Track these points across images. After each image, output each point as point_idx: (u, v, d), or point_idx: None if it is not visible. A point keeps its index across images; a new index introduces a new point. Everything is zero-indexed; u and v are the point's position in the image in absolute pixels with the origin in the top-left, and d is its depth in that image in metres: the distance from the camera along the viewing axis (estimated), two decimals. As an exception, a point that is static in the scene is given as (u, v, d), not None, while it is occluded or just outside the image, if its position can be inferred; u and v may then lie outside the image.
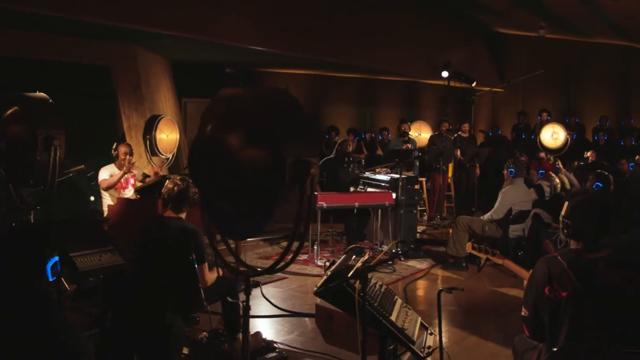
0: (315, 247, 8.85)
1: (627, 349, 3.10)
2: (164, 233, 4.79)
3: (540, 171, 9.12)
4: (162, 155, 8.92)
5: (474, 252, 4.26)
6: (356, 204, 8.66)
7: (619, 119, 16.60)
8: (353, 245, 5.71)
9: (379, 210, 9.15)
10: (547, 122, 14.42)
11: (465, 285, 7.75)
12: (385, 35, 13.01)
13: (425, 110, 17.12)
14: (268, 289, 7.17)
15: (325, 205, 8.46)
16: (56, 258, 2.77)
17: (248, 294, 3.02)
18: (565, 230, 3.45)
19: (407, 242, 7.95)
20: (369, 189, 9.65)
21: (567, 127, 15.09)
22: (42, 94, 5.17)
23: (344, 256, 4.03)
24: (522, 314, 3.43)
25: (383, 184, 9.43)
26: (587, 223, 3.35)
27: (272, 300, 6.53)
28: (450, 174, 12.70)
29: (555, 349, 3.14)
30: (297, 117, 2.75)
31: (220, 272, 5.22)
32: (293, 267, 8.40)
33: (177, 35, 9.12)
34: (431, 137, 12.48)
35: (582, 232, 3.38)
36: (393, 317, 3.58)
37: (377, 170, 10.23)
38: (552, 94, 17.89)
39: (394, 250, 8.37)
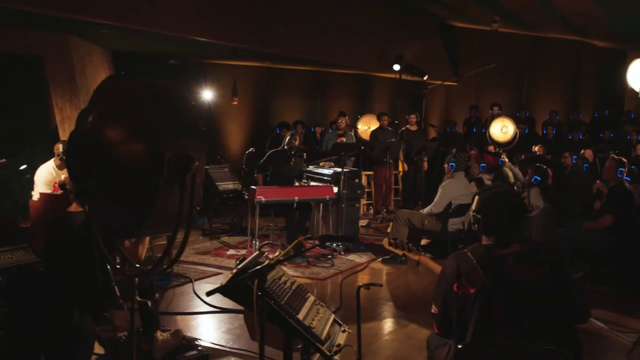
0: (255, 242, 8.70)
1: (537, 345, 3.01)
2: (69, 229, 4.57)
3: (482, 164, 9.07)
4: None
5: (390, 248, 4.14)
6: (296, 198, 8.52)
7: (569, 113, 16.75)
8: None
9: (321, 205, 9.03)
10: (497, 116, 14.48)
11: (404, 279, 7.69)
12: (335, 27, 12.86)
13: (377, 103, 17.03)
14: (201, 285, 7.01)
15: (263, 199, 8.30)
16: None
17: (133, 294, 2.83)
18: (476, 225, 3.34)
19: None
20: (313, 183, 9.53)
21: (518, 120, 15.18)
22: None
23: (256, 252, 3.87)
24: (432, 311, 3.33)
25: (326, 178, 9.31)
26: (497, 218, 3.25)
27: (203, 297, 6.43)
28: (401, 168, 12.61)
29: (460, 346, 3.03)
30: (181, 109, 2.58)
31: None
32: (229, 262, 8.24)
33: (114, 25, 8.84)
34: (373, 131, 12.38)
35: (492, 227, 3.28)
36: (301, 315, 3.44)
37: (321, 164, 10.11)
38: (505, 87, 17.99)
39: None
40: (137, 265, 2.92)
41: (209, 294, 3.27)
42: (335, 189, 8.83)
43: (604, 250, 7.08)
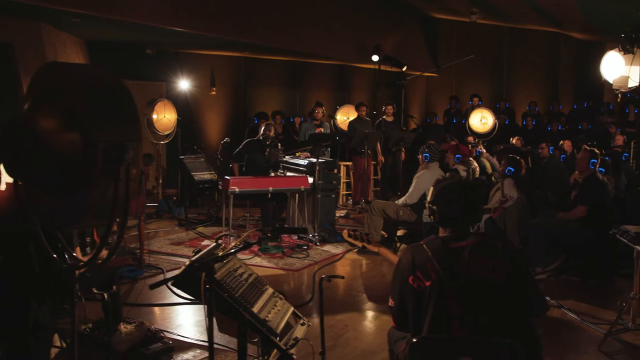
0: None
1: (491, 339, 2.98)
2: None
3: (457, 155, 9.04)
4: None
5: (350, 240, 4.09)
6: (270, 188, 8.45)
7: (549, 104, 16.78)
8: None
9: (297, 195, 8.98)
10: (477, 107, 14.50)
11: (379, 269, 7.65)
12: (314, 18, 12.77)
13: (357, 93, 16.96)
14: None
15: (237, 189, 8.23)
16: None
17: (73, 287, 2.76)
18: (432, 217, 3.29)
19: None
20: (289, 173, 9.48)
21: (497, 111, 15.22)
22: None
23: (213, 244, 3.81)
24: (389, 304, 3.29)
25: (301, 168, 9.25)
26: (451, 209, 3.20)
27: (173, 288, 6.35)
28: (381, 158, 12.57)
29: (415, 340, 2.98)
30: (115, 97, 2.50)
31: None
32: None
33: (85, 14, 8.69)
34: (351, 121, 12.33)
35: (447, 219, 3.23)
36: (256, 308, 3.38)
37: (297, 154, 10.05)
38: (485, 78, 18.00)
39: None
40: (74, 258, 2.82)
41: (151, 287, 3.21)
42: (311, 180, 8.77)
43: (579, 241, 7.07)
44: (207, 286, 2.95)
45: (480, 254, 3.09)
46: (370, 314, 6.05)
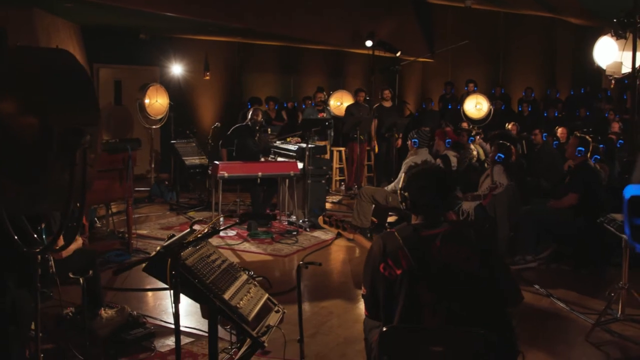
0: (221, 218, 8.62)
1: (463, 328, 2.94)
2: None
3: (448, 140, 8.97)
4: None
5: (325, 226, 4.06)
6: (259, 173, 8.40)
7: (546, 90, 16.68)
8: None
9: (287, 181, 8.94)
10: (472, 92, 14.40)
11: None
12: (307, 3, 12.66)
13: (351, 79, 16.89)
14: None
15: (226, 174, 8.20)
16: None
17: (35, 271, 2.72)
18: (404, 204, 3.25)
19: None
20: (280, 159, 9.44)
21: (493, 97, 15.12)
22: None
23: (187, 230, 3.77)
24: (362, 292, 3.25)
25: (291, 154, 9.21)
26: (423, 196, 3.16)
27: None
28: (374, 144, 12.51)
29: (384, 329, 2.94)
30: (74, 81, 2.45)
31: (80, 242, 4.93)
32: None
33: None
34: (348, 106, 12.24)
35: (419, 206, 3.18)
36: (227, 295, 3.35)
37: (288, 139, 10.00)
38: (481, 64, 17.89)
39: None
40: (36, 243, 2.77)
41: (115, 273, 3.18)
42: (301, 165, 8.73)
43: (571, 229, 7.03)
44: (173, 272, 2.91)
45: (452, 242, 3.05)
46: (356, 301, 6.02)
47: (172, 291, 2.96)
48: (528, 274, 6.84)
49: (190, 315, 5.29)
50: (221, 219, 8.41)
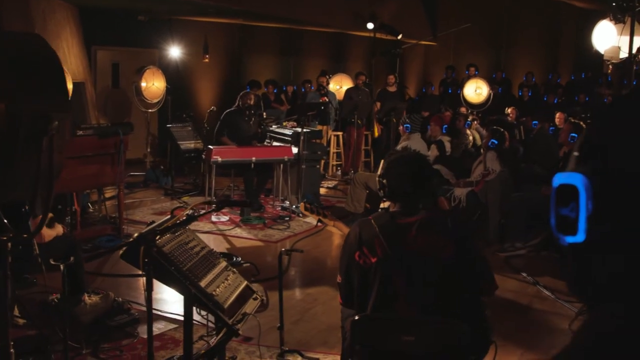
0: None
1: (436, 318, 2.93)
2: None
3: (445, 126, 8.92)
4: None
5: (307, 213, 4.03)
6: (253, 158, 8.38)
7: (548, 75, 16.58)
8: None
9: (281, 165, 8.90)
10: (472, 77, 14.30)
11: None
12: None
13: (352, 62, 16.79)
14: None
15: (220, 159, 8.19)
16: None
17: (5, 259, 2.70)
18: (382, 191, 3.22)
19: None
20: (275, 143, 9.40)
21: (493, 82, 15.02)
22: None
23: (167, 217, 3.76)
24: (337, 280, 3.24)
25: (287, 138, 9.17)
26: (400, 183, 3.12)
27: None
28: (376, 128, 12.47)
29: (357, 318, 2.94)
30: (42, 66, 2.42)
31: (61, 229, 4.92)
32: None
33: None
34: (347, 90, 12.13)
35: (397, 193, 3.16)
36: (204, 282, 3.34)
37: (284, 123, 9.96)
38: (484, 48, 17.78)
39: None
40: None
41: (87, 260, 3.17)
42: (295, 150, 8.70)
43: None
44: (146, 260, 2.91)
45: (428, 230, 3.03)
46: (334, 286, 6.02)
47: (144, 278, 2.95)
48: (516, 261, 6.84)
49: (177, 302, 5.29)
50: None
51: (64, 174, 6.36)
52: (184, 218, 3.40)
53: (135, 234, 3.36)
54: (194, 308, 3.57)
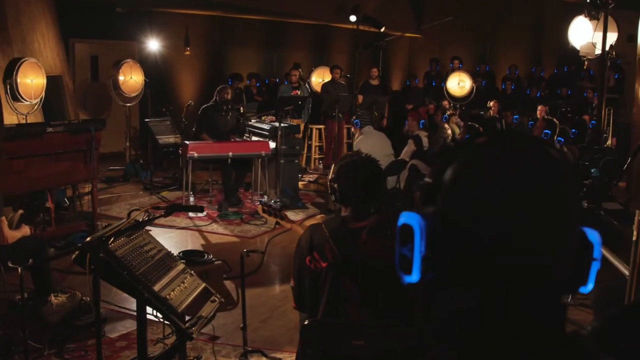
0: (191, 198, 8.60)
1: (384, 323, 2.93)
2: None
3: (422, 121, 8.91)
4: (26, 101, 8.38)
5: (265, 215, 4.02)
6: (230, 153, 8.35)
7: (532, 68, 16.59)
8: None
9: (259, 160, 8.86)
10: (455, 70, 14.29)
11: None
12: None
13: (336, 55, 16.71)
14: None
15: (196, 154, 8.16)
16: None
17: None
18: (333, 195, 3.21)
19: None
20: (254, 138, 9.36)
21: (477, 75, 15.02)
22: None
23: (124, 219, 3.73)
24: (290, 284, 3.23)
25: (265, 133, 9.14)
26: (350, 187, 3.10)
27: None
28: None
29: (307, 322, 2.93)
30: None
31: (27, 230, 4.89)
32: (162, 220, 8.08)
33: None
34: (324, 84, 12.08)
35: (348, 197, 3.14)
36: (158, 286, 3.32)
37: (263, 118, 9.92)
38: (468, 41, 17.75)
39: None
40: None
41: (56, 257, 3.14)
42: (273, 145, 8.67)
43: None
44: (92, 266, 2.89)
45: (378, 234, 3.02)
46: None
47: (91, 283, 2.93)
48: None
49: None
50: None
51: (34, 171, 6.34)
52: (133, 222, 3.37)
53: (88, 238, 3.34)
54: (152, 311, 3.54)
